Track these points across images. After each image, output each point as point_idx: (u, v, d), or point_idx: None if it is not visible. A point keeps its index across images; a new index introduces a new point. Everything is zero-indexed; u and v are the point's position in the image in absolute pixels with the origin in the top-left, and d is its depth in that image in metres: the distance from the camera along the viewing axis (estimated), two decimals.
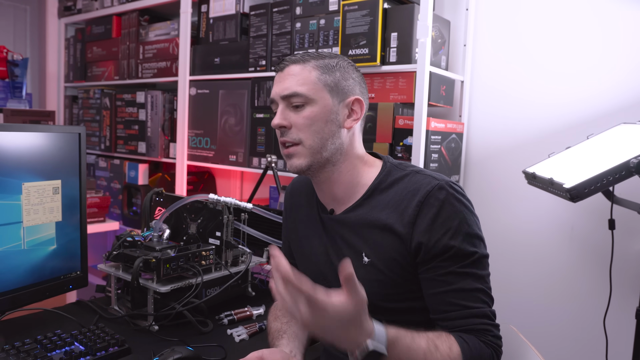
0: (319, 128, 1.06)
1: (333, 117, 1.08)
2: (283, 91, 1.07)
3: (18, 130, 1.24)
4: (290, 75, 1.08)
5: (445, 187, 1.02)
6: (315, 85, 1.07)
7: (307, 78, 1.07)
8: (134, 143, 2.73)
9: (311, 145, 1.07)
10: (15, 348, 1.11)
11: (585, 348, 1.79)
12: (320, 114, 1.06)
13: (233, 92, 2.29)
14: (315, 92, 1.06)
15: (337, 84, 1.09)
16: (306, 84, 1.06)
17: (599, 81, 1.75)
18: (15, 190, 1.22)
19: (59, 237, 1.33)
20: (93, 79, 3.00)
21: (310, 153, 1.07)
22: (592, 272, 1.78)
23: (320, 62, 1.09)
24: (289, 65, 1.09)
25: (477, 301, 0.99)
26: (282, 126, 1.07)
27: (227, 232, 1.50)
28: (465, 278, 0.99)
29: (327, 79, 1.08)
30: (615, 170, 1.34)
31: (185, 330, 1.33)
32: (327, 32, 1.96)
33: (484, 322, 0.99)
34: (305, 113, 1.06)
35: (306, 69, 1.08)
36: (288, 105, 1.08)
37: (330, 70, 1.09)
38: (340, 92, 1.09)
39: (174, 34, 2.54)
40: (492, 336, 0.98)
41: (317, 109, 1.06)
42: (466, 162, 2.04)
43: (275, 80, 1.10)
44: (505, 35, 1.94)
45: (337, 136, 1.08)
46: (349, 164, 1.11)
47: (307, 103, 1.06)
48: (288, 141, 1.08)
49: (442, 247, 0.99)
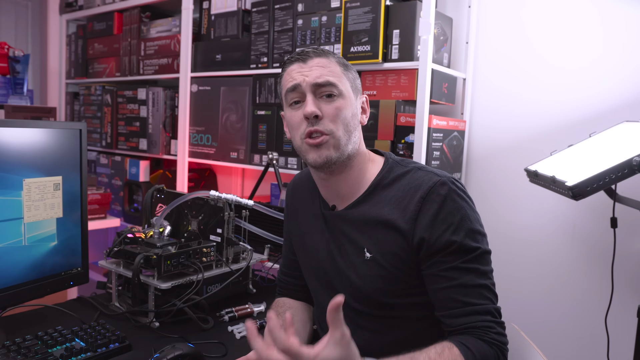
0: (347, 121, 1.06)
1: (355, 112, 1.10)
2: (316, 79, 1.05)
3: (19, 126, 1.23)
4: (319, 67, 1.06)
5: (447, 183, 1.02)
6: (342, 79, 1.08)
7: (335, 71, 1.07)
8: (135, 140, 2.72)
9: (340, 136, 1.05)
10: (16, 344, 1.10)
11: (586, 346, 1.79)
12: (347, 107, 1.07)
13: (234, 89, 2.29)
14: (344, 86, 1.08)
15: (354, 80, 1.11)
16: (336, 77, 1.07)
17: (602, 79, 1.74)
18: (16, 186, 1.22)
19: (59, 234, 1.33)
20: (94, 76, 3.00)
21: (339, 145, 1.05)
22: (593, 270, 1.77)
23: (339, 59, 1.11)
24: (312, 58, 1.07)
25: (480, 298, 0.99)
26: (315, 115, 1.04)
27: (228, 229, 1.50)
28: (468, 274, 0.99)
29: (348, 75, 1.10)
30: (618, 169, 1.33)
31: (186, 327, 1.33)
32: (329, 29, 1.95)
33: (487, 319, 0.98)
34: (337, 104, 1.05)
35: (332, 62, 1.08)
36: (317, 94, 1.06)
37: (349, 68, 1.11)
38: (356, 89, 1.12)
39: (175, 31, 2.53)
40: (496, 334, 0.98)
41: (345, 102, 1.07)
42: (468, 159, 2.03)
43: (295, 70, 1.07)
44: (508, 32, 1.93)
45: (357, 131, 1.10)
46: (359, 160, 1.11)
47: (338, 95, 1.06)
48: (319, 130, 1.04)
49: (444, 242, 0.99)
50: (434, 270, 1.01)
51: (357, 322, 1.11)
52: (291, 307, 1.27)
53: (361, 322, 1.11)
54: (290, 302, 1.30)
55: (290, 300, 1.30)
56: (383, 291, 1.06)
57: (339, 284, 1.13)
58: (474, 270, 0.99)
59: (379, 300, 1.07)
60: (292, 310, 1.25)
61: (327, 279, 1.15)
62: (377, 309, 1.08)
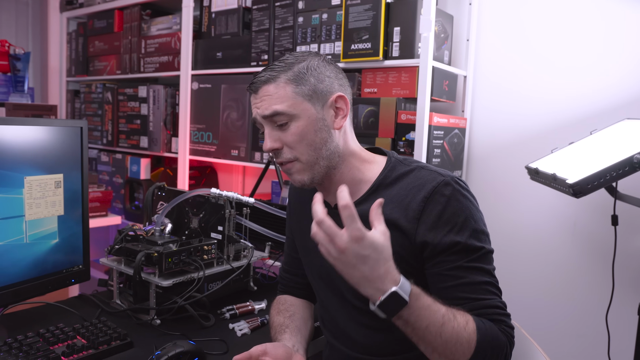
0: (309, 141, 1.05)
1: (321, 125, 1.06)
2: (264, 112, 1.04)
3: (20, 124, 1.23)
4: (267, 97, 1.04)
5: (451, 183, 1.01)
6: (292, 100, 1.03)
7: (283, 96, 1.03)
8: (136, 137, 2.72)
9: (307, 159, 1.05)
10: (17, 342, 1.11)
11: (587, 344, 1.79)
12: (307, 127, 1.04)
13: (235, 87, 2.29)
14: (296, 107, 1.04)
15: (314, 90, 1.05)
16: (284, 101, 1.03)
17: (603, 76, 1.74)
18: (17, 184, 1.22)
19: (61, 231, 1.33)
20: (95, 73, 3.00)
21: (308, 167, 1.06)
22: (594, 268, 1.77)
23: (290, 73, 1.05)
24: (261, 87, 1.06)
25: (487, 293, 0.99)
26: (275, 149, 1.06)
27: (229, 227, 1.50)
28: (473, 272, 0.99)
29: (303, 89, 1.04)
30: (619, 166, 1.33)
31: (187, 325, 1.33)
32: (329, 27, 1.95)
33: (497, 312, 0.98)
34: (292, 130, 1.04)
35: (279, 86, 1.04)
36: (273, 125, 1.06)
37: (303, 79, 1.05)
38: (319, 96, 1.06)
39: (176, 28, 2.53)
40: (506, 326, 0.98)
41: (302, 122, 1.04)
42: (469, 157, 2.03)
43: (252, 102, 1.08)
44: (509, 29, 1.93)
45: (330, 141, 1.07)
46: (347, 163, 1.10)
47: (290, 120, 1.04)
48: (283, 161, 1.07)
49: (448, 243, 0.99)
50: (438, 269, 1.01)
51: (359, 320, 1.11)
52: (293, 304, 1.27)
53: (362, 320, 1.11)
54: (291, 299, 1.30)
55: (292, 298, 1.31)
56: None
57: (341, 283, 1.12)
58: (478, 269, 0.99)
59: None
60: (294, 307, 1.26)
61: (330, 277, 1.15)
62: None
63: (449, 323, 0.90)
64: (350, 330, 1.13)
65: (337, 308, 1.15)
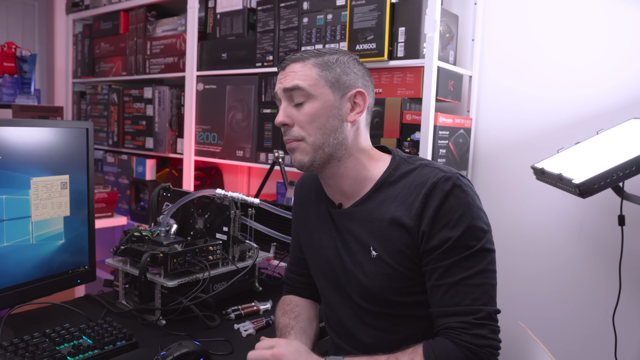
0: (320, 124, 1.07)
1: (335, 112, 1.08)
2: (285, 84, 1.09)
3: (26, 126, 1.24)
4: (292, 73, 1.09)
5: (451, 178, 1.01)
6: (316, 82, 1.08)
7: (307, 75, 1.08)
8: (141, 138, 2.73)
9: (313, 141, 1.08)
10: (24, 342, 1.11)
11: (593, 345, 1.78)
12: (321, 110, 1.07)
13: (240, 88, 2.29)
14: (316, 88, 1.07)
15: (337, 79, 1.09)
16: (307, 80, 1.07)
17: (609, 76, 1.73)
18: (24, 185, 1.23)
19: (67, 232, 1.34)
20: (101, 75, 3.01)
21: (312, 149, 1.08)
22: (601, 268, 1.76)
23: (320, 59, 1.10)
24: (290, 64, 1.10)
25: (465, 298, 0.97)
26: (284, 124, 1.09)
27: (234, 227, 1.50)
28: (460, 272, 0.98)
29: (327, 75, 1.09)
30: (626, 166, 1.32)
31: (193, 325, 1.33)
32: (334, 27, 1.95)
33: (465, 320, 0.96)
34: (307, 109, 1.07)
35: (307, 66, 1.09)
36: (290, 102, 1.09)
37: (330, 67, 1.09)
38: (341, 86, 1.09)
39: (181, 30, 2.54)
40: (471, 335, 0.95)
41: (318, 104, 1.07)
42: (474, 157, 2.02)
43: (278, 78, 1.13)
44: (514, 29, 1.92)
45: (340, 131, 1.08)
46: (354, 159, 1.11)
47: (308, 99, 1.07)
48: (291, 139, 1.09)
49: (440, 238, 0.98)
50: (429, 267, 1.01)
51: (364, 320, 1.11)
52: (298, 305, 1.27)
53: (368, 320, 1.11)
54: (297, 300, 1.30)
55: (297, 298, 1.31)
56: (389, 289, 1.06)
57: (346, 282, 1.13)
58: (467, 269, 0.98)
59: (385, 298, 1.07)
60: (299, 308, 1.26)
61: (335, 277, 1.15)
62: (384, 307, 1.08)
63: None
64: (356, 331, 1.13)
65: (342, 308, 1.15)
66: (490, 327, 0.97)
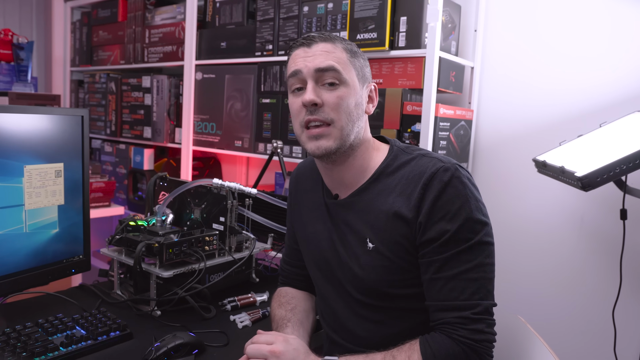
0: (350, 110, 1.03)
1: (360, 101, 1.06)
2: (319, 64, 1.01)
3: (21, 112, 1.22)
4: (324, 52, 1.03)
5: (450, 169, 0.99)
6: (347, 66, 1.04)
7: (340, 57, 1.03)
8: (139, 128, 2.71)
9: (342, 126, 1.02)
10: (16, 331, 1.10)
11: (593, 339, 1.77)
12: (351, 96, 1.04)
13: (239, 77, 2.27)
14: (348, 73, 1.04)
15: (362, 68, 1.08)
16: (340, 63, 1.03)
17: (612, 68, 1.71)
18: (17, 173, 1.21)
19: (61, 221, 1.32)
20: (99, 63, 2.98)
21: (340, 135, 1.02)
22: (601, 262, 1.75)
23: (347, 45, 1.07)
24: (318, 42, 1.04)
25: (462, 292, 0.95)
26: (314, 103, 1.01)
27: (231, 218, 1.48)
28: (457, 265, 0.96)
29: (355, 62, 1.06)
30: (629, 159, 1.31)
31: (188, 316, 1.32)
32: (335, 16, 1.92)
33: (462, 315, 0.95)
34: (340, 92, 1.02)
35: (337, 48, 1.04)
36: (319, 82, 1.03)
37: (356, 55, 1.07)
38: (363, 77, 1.08)
39: (180, 18, 2.51)
40: (468, 330, 0.94)
41: (348, 90, 1.03)
42: (475, 149, 2.01)
43: (299, 55, 1.05)
44: (517, 21, 1.90)
45: (361, 120, 1.07)
46: (363, 148, 1.09)
47: (341, 83, 1.02)
48: (319, 120, 1.02)
49: (437, 230, 0.97)
50: (425, 259, 0.99)
51: (359, 312, 1.09)
52: (294, 297, 1.25)
53: (363, 313, 1.09)
54: (293, 292, 1.28)
55: (293, 290, 1.29)
56: (385, 281, 1.04)
57: (341, 274, 1.11)
58: (465, 262, 0.96)
59: (381, 290, 1.05)
60: (295, 300, 1.24)
61: (329, 269, 1.13)
62: (379, 299, 1.06)
63: None
64: (350, 324, 1.11)
65: (337, 300, 1.13)
66: (487, 321, 0.96)
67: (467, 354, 0.93)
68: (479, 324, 0.95)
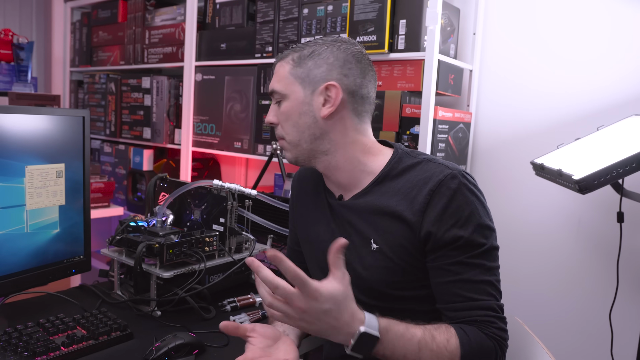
0: (293, 122, 1.09)
1: (305, 109, 1.07)
2: (268, 88, 1.13)
3: (22, 113, 1.22)
4: (275, 74, 1.12)
5: (457, 176, 1.00)
6: (286, 80, 1.09)
7: (281, 74, 1.09)
8: (139, 128, 2.72)
9: (290, 139, 1.10)
10: (17, 331, 1.10)
11: (590, 341, 1.78)
12: (292, 108, 1.08)
13: (239, 79, 2.27)
14: (287, 87, 1.08)
15: (307, 74, 1.07)
16: (281, 80, 1.09)
17: (610, 72, 1.72)
18: (19, 173, 1.22)
19: (62, 221, 1.33)
20: (99, 64, 2.99)
21: (292, 147, 1.11)
22: (598, 265, 1.76)
23: (297, 54, 1.09)
24: (276, 63, 1.13)
25: (483, 293, 0.98)
26: (271, 123, 1.13)
27: (231, 219, 1.49)
28: (473, 269, 0.98)
29: (297, 71, 1.08)
30: (626, 163, 1.32)
31: (188, 316, 1.32)
32: (334, 19, 1.93)
33: (489, 314, 0.97)
34: (282, 109, 1.10)
35: (282, 65, 1.10)
36: (275, 102, 1.12)
37: (302, 62, 1.08)
38: (311, 81, 1.07)
39: (180, 19, 2.52)
40: (496, 328, 0.97)
41: (289, 103, 1.09)
42: (473, 152, 2.02)
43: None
44: (515, 24, 1.91)
45: (315, 127, 1.07)
46: (345, 151, 1.09)
47: (283, 99, 1.09)
48: (278, 136, 1.13)
49: (451, 237, 0.98)
50: (438, 263, 1.00)
51: None
52: None
53: None
54: None
55: None
56: (388, 282, 1.05)
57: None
58: (479, 266, 0.98)
59: (383, 291, 1.06)
60: None
61: None
62: (381, 300, 1.07)
63: (426, 347, 0.91)
64: None
65: None
66: (505, 321, 1.00)
67: (496, 350, 0.96)
68: (502, 323, 0.98)
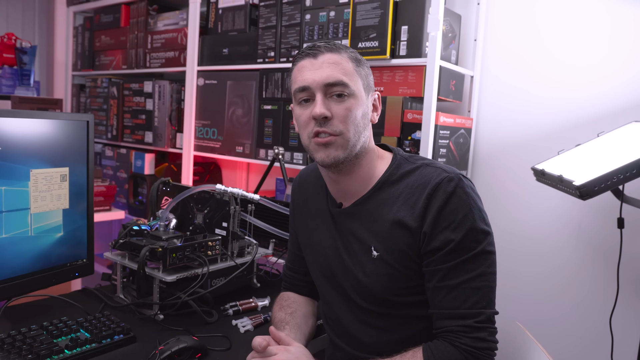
0: (357, 121, 1.04)
1: (366, 111, 1.07)
2: (327, 79, 1.02)
3: (27, 117, 1.23)
4: (330, 64, 1.03)
5: (454, 179, 1.01)
6: (354, 77, 1.04)
7: (347, 68, 1.03)
8: (140, 132, 2.72)
9: (350, 137, 1.03)
10: (21, 334, 1.11)
11: (590, 346, 1.78)
12: (358, 107, 1.04)
13: (241, 83, 2.28)
14: (355, 84, 1.04)
15: (366, 77, 1.08)
16: (347, 75, 1.03)
17: (611, 78, 1.73)
18: (23, 177, 1.22)
19: (65, 225, 1.33)
20: (101, 68, 3.00)
21: (348, 145, 1.03)
22: (599, 270, 1.77)
23: (351, 53, 1.06)
24: (324, 53, 1.03)
25: (465, 300, 0.97)
26: (325, 116, 1.02)
27: (233, 223, 1.50)
28: (461, 274, 0.98)
29: (361, 71, 1.06)
30: (626, 169, 1.33)
31: (190, 320, 1.33)
32: (336, 25, 1.94)
33: (465, 323, 0.96)
34: (348, 104, 1.02)
35: (343, 58, 1.04)
36: (327, 93, 1.03)
37: (361, 64, 1.07)
38: (368, 86, 1.08)
39: (182, 24, 2.53)
40: (471, 338, 0.95)
41: (356, 101, 1.04)
42: (474, 157, 2.02)
43: (306, 67, 1.04)
44: (516, 30, 1.92)
45: (367, 129, 1.07)
46: (368, 158, 1.10)
47: (349, 94, 1.03)
48: (328, 132, 1.02)
49: (442, 240, 0.98)
50: (429, 267, 1.01)
51: (363, 319, 1.11)
52: (295, 301, 1.27)
53: (367, 320, 1.10)
54: (294, 296, 1.30)
55: (295, 295, 1.30)
56: (389, 289, 1.05)
57: (345, 282, 1.12)
58: (468, 271, 0.98)
59: (385, 298, 1.06)
60: (296, 304, 1.25)
61: (334, 276, 1.15)
62: (383, 306, 1.08)
63: None
64: (354, 330, 1.12)
65: (341, 306, 1.15)
66: (489, 329, 0.98)
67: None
68: (481, 332, 0.96)
